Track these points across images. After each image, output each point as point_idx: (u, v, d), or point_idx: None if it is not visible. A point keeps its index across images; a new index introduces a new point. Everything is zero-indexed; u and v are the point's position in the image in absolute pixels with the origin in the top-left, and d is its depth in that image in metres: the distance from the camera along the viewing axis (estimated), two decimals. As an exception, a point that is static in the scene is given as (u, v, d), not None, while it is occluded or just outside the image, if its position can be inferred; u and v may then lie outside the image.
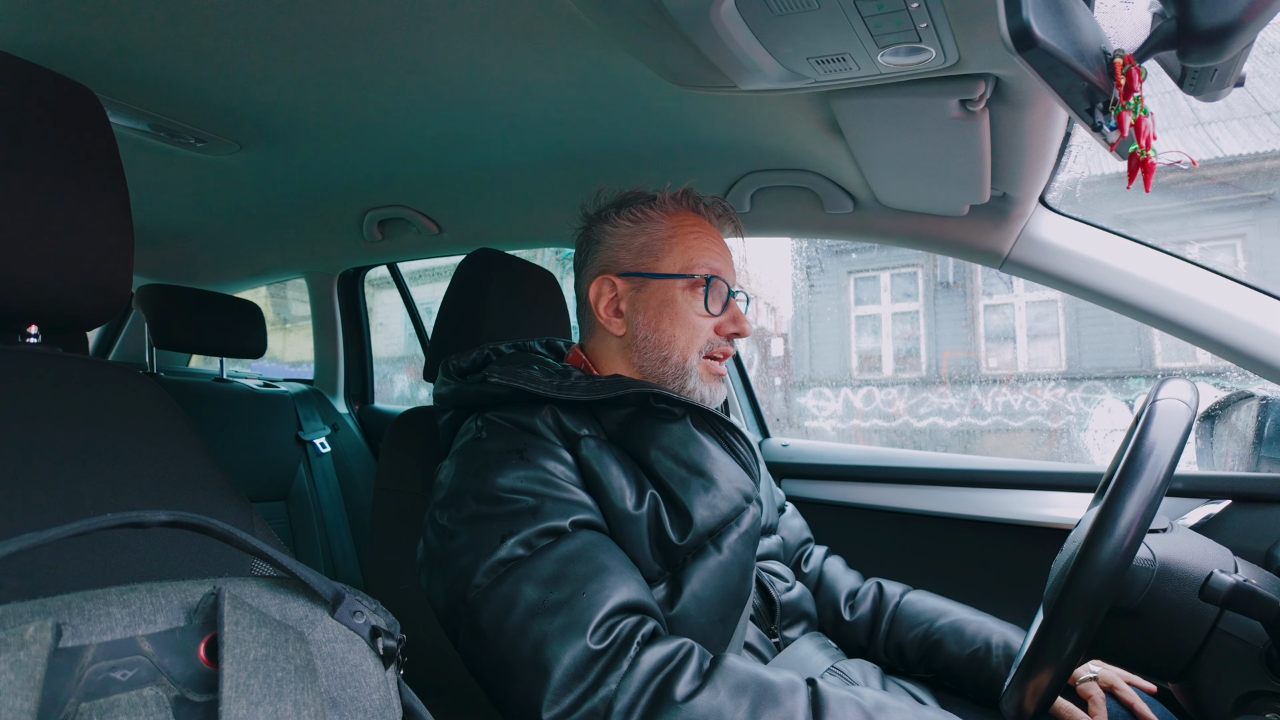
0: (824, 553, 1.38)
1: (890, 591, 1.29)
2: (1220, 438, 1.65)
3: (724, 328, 1.08)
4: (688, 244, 1.08)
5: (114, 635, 0.44)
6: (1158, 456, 0.73)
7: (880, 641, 1.23)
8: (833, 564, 1.35)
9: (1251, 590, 0.74)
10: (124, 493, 0.70)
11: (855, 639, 1.26)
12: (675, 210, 1.11)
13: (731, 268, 1.12)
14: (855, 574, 1.36)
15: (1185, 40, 0.63)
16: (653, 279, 1.08)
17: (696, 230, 1.10)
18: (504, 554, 0.85)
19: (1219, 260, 4.89)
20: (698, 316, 1.06)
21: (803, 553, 1.35)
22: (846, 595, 1.29)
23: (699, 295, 1.07)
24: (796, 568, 1.32)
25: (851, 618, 1.27)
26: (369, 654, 0.54)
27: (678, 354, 1.06)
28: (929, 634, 1.18)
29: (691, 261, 1.07)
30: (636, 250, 1.09)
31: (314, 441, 2.35)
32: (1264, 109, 5.42)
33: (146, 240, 2.27)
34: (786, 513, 1.38)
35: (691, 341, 1.06)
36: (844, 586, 1.30)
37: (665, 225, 1.10)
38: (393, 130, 1.42)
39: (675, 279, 1.07)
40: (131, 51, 1.12)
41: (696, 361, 1.06)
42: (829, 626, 1.28)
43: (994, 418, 6.68)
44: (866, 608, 1.27)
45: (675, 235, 1.09)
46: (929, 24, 0.80)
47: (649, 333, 1.07)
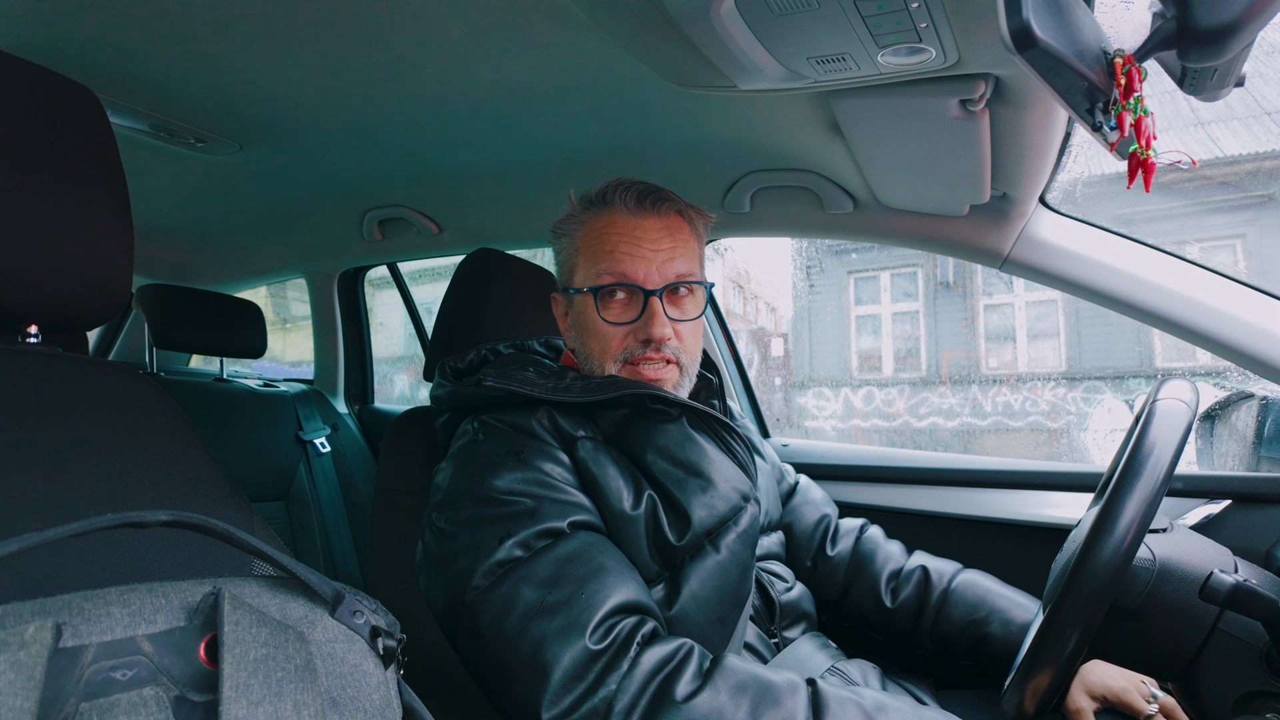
0: (858, 527, 1.34)
1: (938, 574, 1.23)
2: (1220, 437, 1.65)
3: (637, 332, 1.02)
4: (591, 252, 1.04)
5: (114, 635, 0.44)
6: (1158, 456, 0.73)
7: (925, 630, 1.19)
8: (869, 540, 1.31)
9: (1251, 590, 0.74)
10: (124, 493, 0.70)
11: (898, 625, 1.22)
12: (588, 217, 1.06)
13: (658, 258, 1.02)
14: (897, 545, 1.31)
15: (1185, 40, 0.63)
16: (574, 295, 1.06)
17: (602, 232, 1.03)
18: (502, 555, 0.85)
19: (1219, 260, 4.88)
20: (604, 326, 1.03)
21: (824, 529, 1.31)
22: (888, 577, 1.25)
23: (599, 308, 1.02)
24: (821, 550, 1.29)
25: (894, 604, 1.22)
26: (369, 654, 0.54)
27: (596, 364, 1.04)
28: (979, 626, 1.14)
29: (591, 271, 1.03)
30: (562, 267, 1.10)
31: (314, 441, 2.35)
32: (1264, 109, 5.41)
33: (146, 240, 2.26)
34: (800, 488, 1.36)
35: (604, 351, 1.03)
36: (883, 567, 1.26)
37: (577, 237, 1.06)
38: (393, 130, 1.42)
39: (582, 294, 1.04)
40: (131, 51, 1.12)
41: (616, 370, 1.03)
42: (869, 613, 1.24)
43: (994, 418, 6.68)
44: (910, 592, 1.22)
45: (583, 246, 1.05)
46: (929, 24, 0.80)
47: (578, 345, 1.08)
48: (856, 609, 1.26)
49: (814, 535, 1.31)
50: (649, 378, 1.03)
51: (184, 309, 2.06)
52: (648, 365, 1.03)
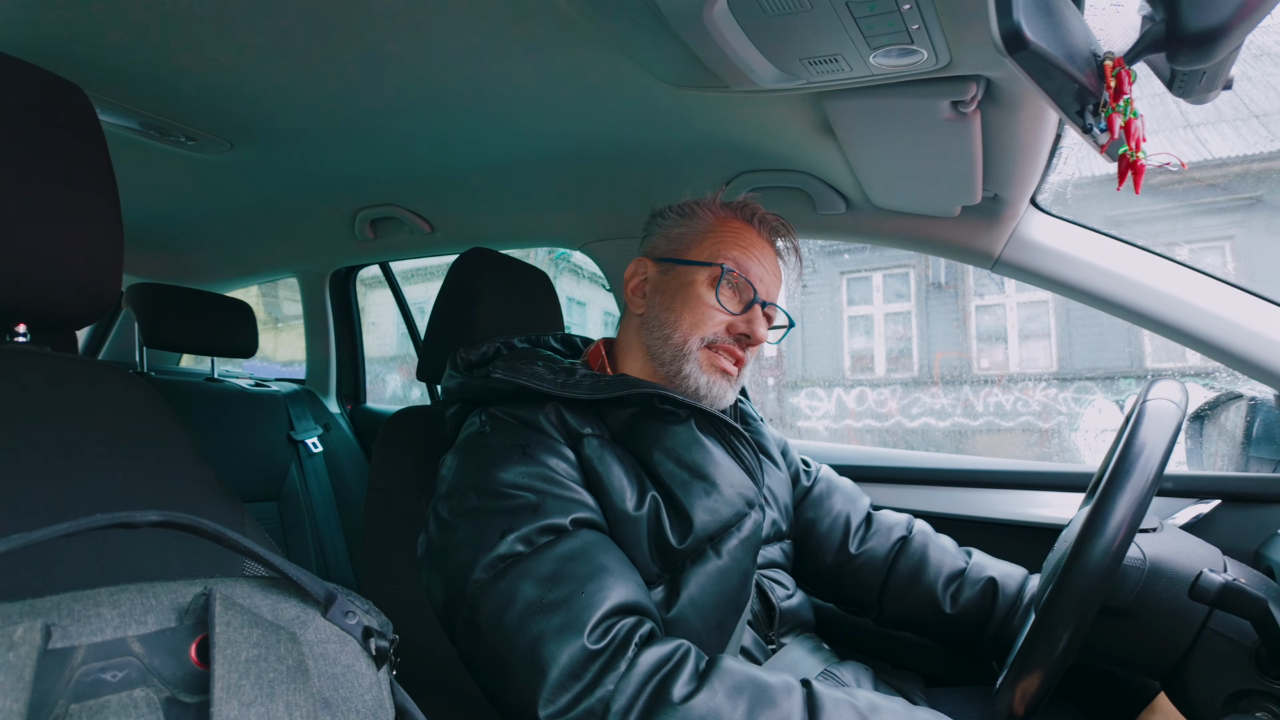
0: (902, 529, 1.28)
1: (1005, 581, 1.16)
2: (1209, 438, 1.66)
3: (735, 326, 1.07)
4: (723, 240, 1.09)
5: (104, 636, 0.43)
6: (1148, 457, 0.73)
7: (990, 635, 1.14)
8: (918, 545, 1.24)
9: (1240, 589, 0.75)
10: (114, 493, 0.69)
11: (960, 632, 1.17)
12: (724, 213, 1.13)
13: (770, 279, 1.12)
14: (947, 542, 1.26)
15: (1174, 43, 0.63)
16: (678, 265, 1.09)
17: (738, 233, 1.11)
18: (503, 550, 0.85)
19: (1208, 262, 4.93)
20: (710, 307, 1.06)
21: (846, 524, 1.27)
22: (945, 581, 1.20)
23: (716, 285, 1.07)
24: (843, 548, 1.25)
25: (953, 609, 1.17)
26: (361, 655, 0.54)
27: (679, 334, 1.06)
28: None
29: (719, 254, 1.08)
30: (673, 239, 1.13)
31: (306, 441, 2.34)
32: (1252, 112, 5.46)
33: (137, 239, 2.25)
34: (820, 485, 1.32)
35: (696, 325, 1.06)
36: (939, 573, 1.20)
37: (707, 221, 1.12)
38: (385, 129, 1.42)
39: (698, 267, 1.07)
40: (121, 49, 1.11)
41: (697, 346, 1.05)
42: (926, 620, 1.19)
43: (986, 418, 6.71)
44: (973, 595, 1.17)
45: (713, 232, 1.10)
46: (921, 25, 0.80)
47: (661, 312, 1.08)
48: (910, 613, 1.21)
49: (834, 530, 1.27)
50: (722, 368, 1.07)
51: (175, 308, 2.05)
52: (727, 357, 1.07)
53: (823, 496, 1.32)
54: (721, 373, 1.07)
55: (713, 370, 1.06)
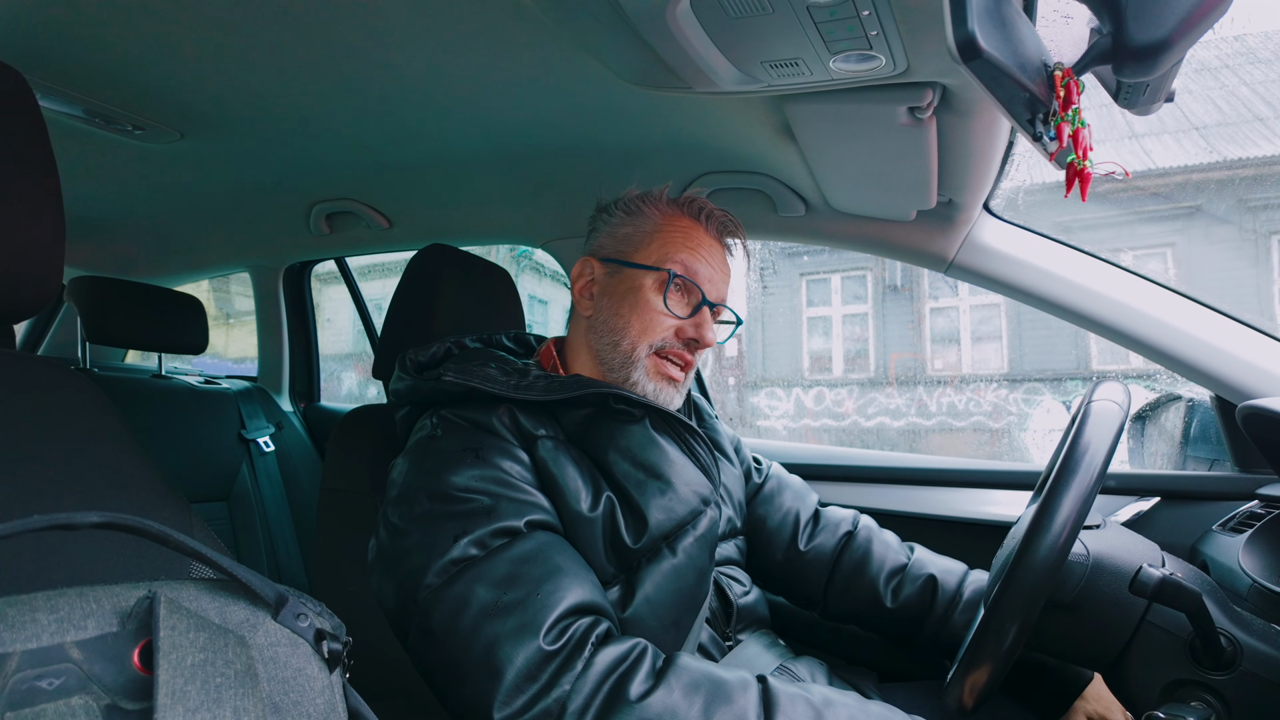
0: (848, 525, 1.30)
1: (945, 577, 1.19)
2: (1150, 438, 1.72)
3: (684, 330, 1.06)
4: (669, 241, 1.07)
5: (40, 642, 0.42)
6: (1092, 456, 0.75)
7: (930, 632, 1.17)
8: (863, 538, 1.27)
9: (1177, 584, 0.78)
10: (53, 494, 0.67)
11: (900, 626, 1.20)
12: (671, 211, 1.10)
13: (720, 279, 1.10)
14: (890, 537, 1.29)
15: (1120, 56, 0.65)
16: (625, 267, 1.07)
17: (686, 231, 1.08)
18: (457, 554, 0.84)
19: (1151, 267, 5.09)
20: (658, 312, 1.05)
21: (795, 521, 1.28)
22: (887, 576, 1.22)
23: (662, 289, 1.05)
24: (792, 543, 1.26)
25: (894, 604, 1.20)
26: (313, 658, 0.53)
27: (628, 341, 1.04)
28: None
29: (666, 257, 1.06)
30: (620, 238, 1.10)
31: (257, 440, 2.29)
32: (1193, 124, 5.67)
33: (80, 230, 2.17)
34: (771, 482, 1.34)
35: (644, 332, 1.04)
36: (881, 567, 1.23)
37: (654, 220, 1.09)
38: (342, 121, 1.39)
39: (645, 270, 1.06)
40: (64, 33, 1.07)
41: (645, 354, 1.04)
42: (867, 614, 1.22)
43: (939, 418, 6.86)
44: (913, 592, 1.20)
45: (660, 231, 1.08)
46: (879, 32, 0.81)
47: (608, 316, 1.07)
48: (853, 608, 1.23)
49: (784, 527, 1.28)
50: (669, 374, 1.06)
51: (120, 302, 1.98)
52: (674, 363, 1.06)
53: (773, 494, 1.33)
54: (668, 379, 1.06)
55: (659, 378, 1.06)
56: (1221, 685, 0.79)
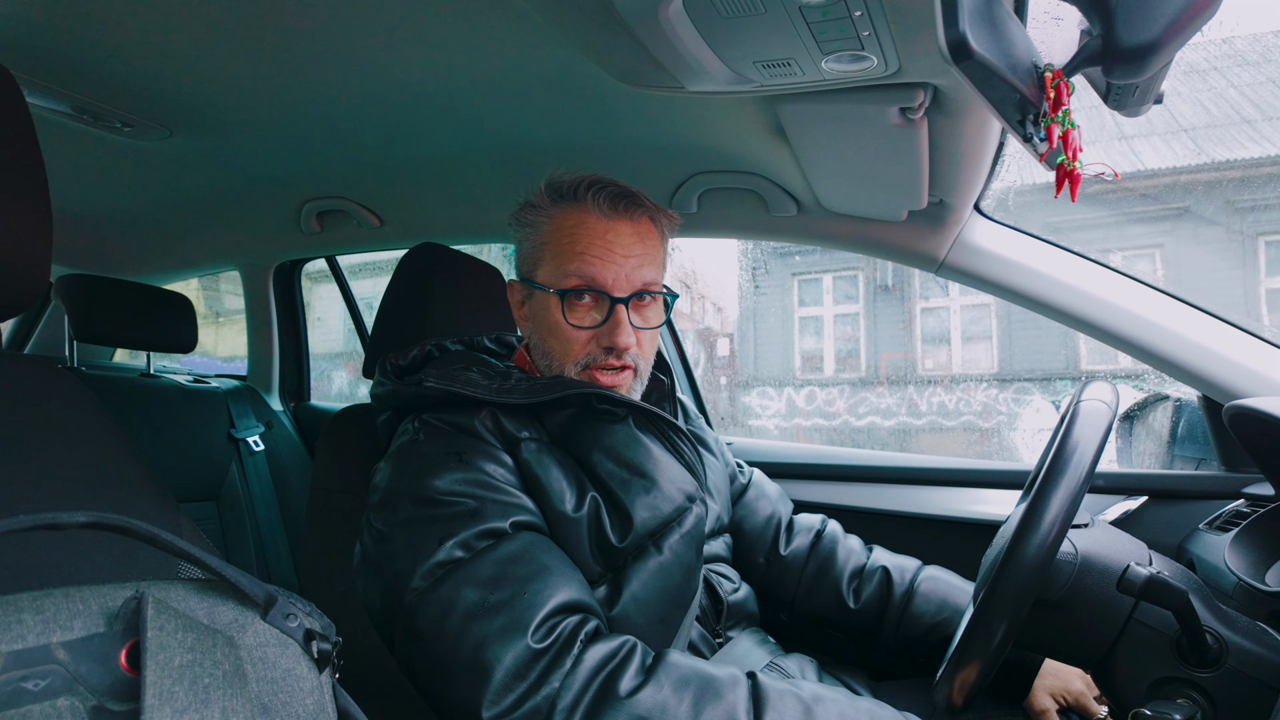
0: (816, 527, 1.33)
1: (899, 573, 1.22)
2: (1138, 437, 1.73)
3: (601, 339, 1.00)
4: (560, 250, 1.00)
5: (25, 644, 0.41)
6: (1080, 455, 0.76)
7: (890, 630, 1.19)
8: (829, 539, 1.30)
9: (1164, 582, 0.78)
10: (40, 494, 0.66)
11: (862, 625, 1.22)
12: (556, 209, 1.02)
13: (629, 264, 0.99)
14: (855, 541, 1.31)
15: (1109, 58, 0.66)
16: (535, 289, 1.03)
17: (573, 231, 1.00)
18: (442, 556, 0.83)
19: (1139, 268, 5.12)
20: (569, 331, 1.00)
21: (776, 528, 1.30)
22: (849, 577, 1.24)
23: (562, 311, 0.99)
24: (774, 549, 1.28)
25: (856, 605, 1.22)
26: (303, 658, 0.53)
27: (556, 364, 1.02)
28: (945, 626, 1.15)
29: (559, 270, 0.99)
30: (524, 256, 1.05)
31: (247, 440, 2.27)
32: (1181, 126, 5.72)
33: (68, 228, 2.15)
34: (754, 484, 1.35)
35: (566, 353, 1.01)
36: (845, 567, 1.25)
37: (544, 229, 1.02)
38: (334, 119, 1.38)
39: (546, 291, 1.01)
40: (51, 28, 1.06)
41: (575, 373, 1.01)
42: (832, 614, 1.23)
43: (929, 417, 6.88)
44: (872, 592, 1.22)
45: (550, 240, 1.01)
46: (871, 32, 0.81)
47: (537, 341, 1.05)
48: (818, 609, 1.25)
49: (765, 532, 1.30)
50: (605, 383, 1.01)
51: (108, 301, 1.96)
52: (606, 372, 1.01)
53: (755, 497, 1.35)
54: (610, 386, 1.02)
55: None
56: (1207, 683, 0.79)
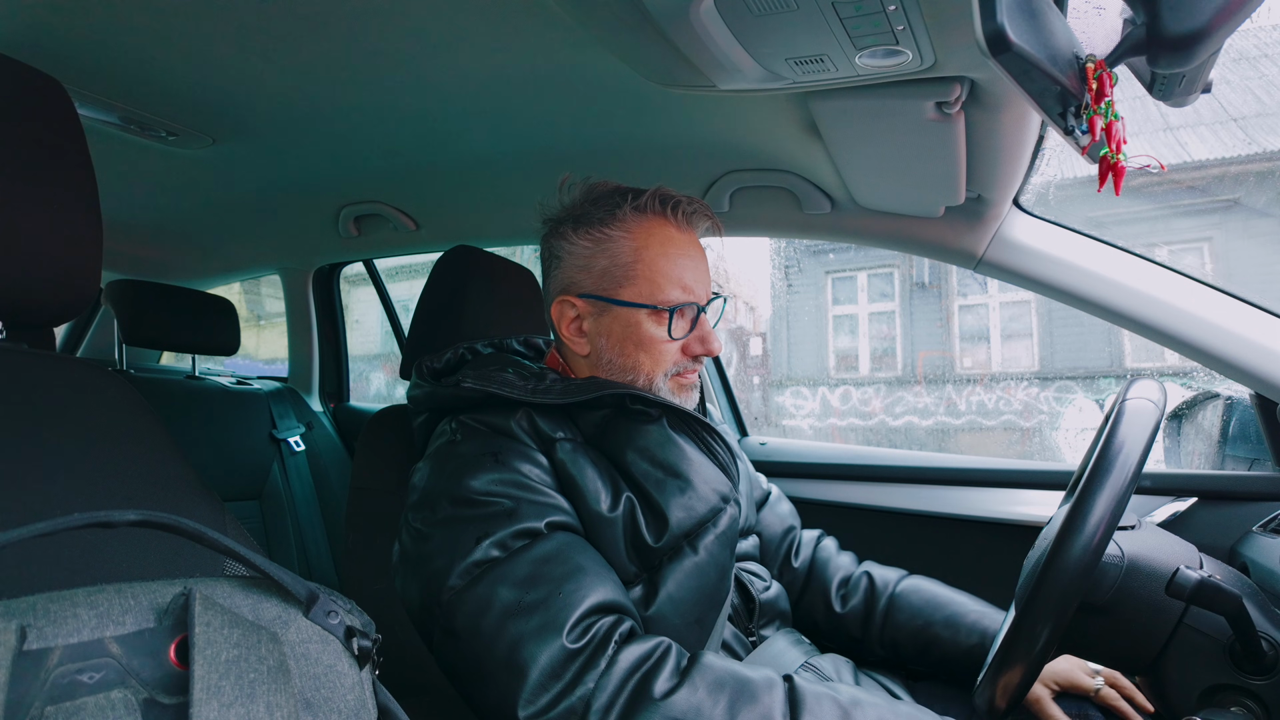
0: (815, 537, 1.36)
1: (882, 581, 1.25)
2: (1187, 437, 1.68)
3: (691, 348, 1.05)
4: (653, 268, 1.01)
5: (81, 637, 0.43)
6: (1126, 455, 0.74)
7: (874, 635, 1.21)
8: (824, 549, 1.33)
9: (1215, 586, 0.76)
10: (92, 492, 0.68)
11: (848, 631, 1.24)
12: (638, 224, 1.03)
13: (705, 275, 1.06)
14: (848, 557, 1.33)
15: (1154, 46, 0.64)
16: (615, 305, 1.02)
17: (664, 248, 1.02)
18: (479, 555, 0.84)
19: (1187, 263, 4.98)
20: (665, 343, 1.03)
21: (790, 541, 1.32)
22: (838, 584, 1.27)
23: (664, 322, 1.02)
24: (787, 560, 1.30)
25: (843, 610, 1.24)
26: (344, 654, 0.54)
27: (643, 377, 1.03)
28: (925, 629, 1.16)
29: (656, 288, 1.01)
30: (598, 274, 1.03)
31: (288, 440, 2.32)
32: (1230, 115, 5.54)
33: (116, 235, 2.22)
34: (771, 499, 1.36)
35: (657, 365, 1.03)
36: (834, 575, 1.28)
37: (628, 247, 1.02)
38: (370, 125, 1.41)
39: (640, 308, 1.02)
40: (101, 42, 1.10)
41: (664, 383, 1.04)
42: (820, 618, 1.26)
43: (968, 416, 6.76)
44: (858, 599, 1.24)
45: (639, 259, 1.01)
46: (906, 26, 0.80)
47: (613, 356, 1.04)
48: (809, 615, 1.27)
49: (781, 546, 1.31)
50: (688, 384, 1.06)
51: (155, 305, 2.02)
52: (691, 375, 1.07)
53: (773, 504, 1.36)
54: (689, 388, 1.07)
55: (682, 390, 1.06)
56: (1263, 690, 0.77)
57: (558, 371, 1.09)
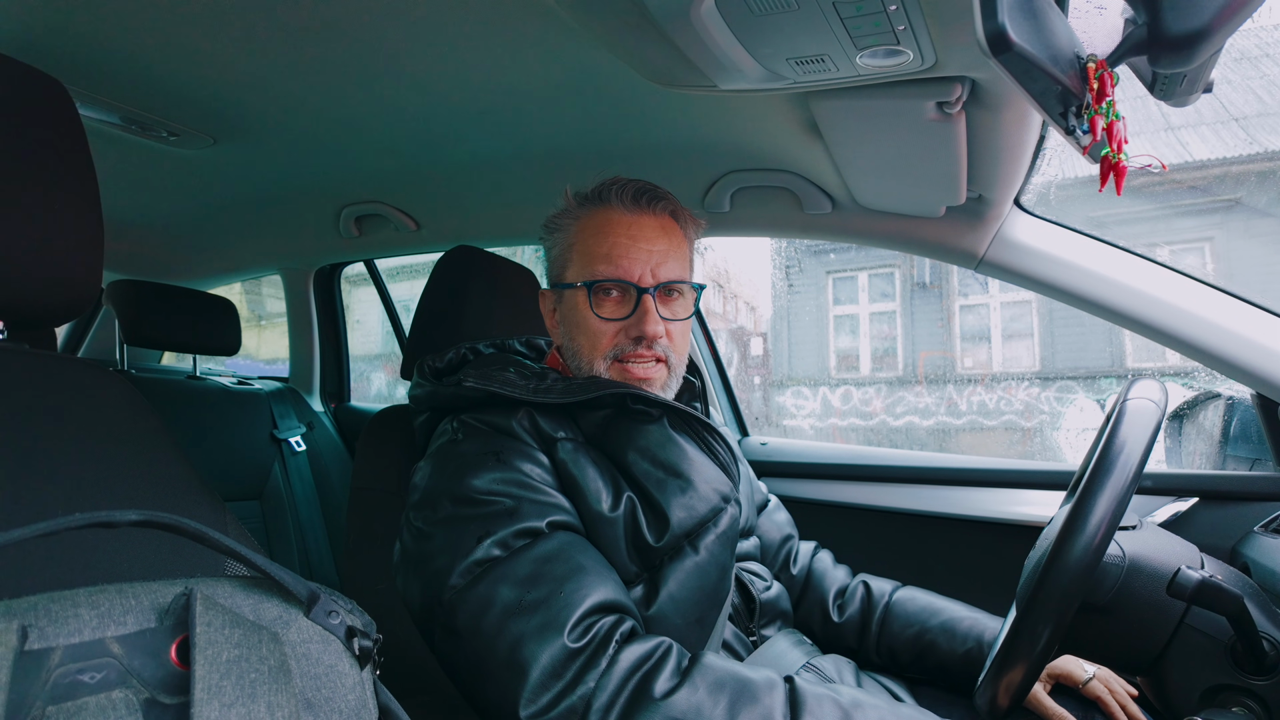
0: (812, 549, 1.36)
1: (878, 591, 1.27)
2: (1188, 437, 1.68)
3: (629, 330, 1.03)
4: (586, 248, 1.04)
5: (82, 637, 0.43)
6: (1128, 455, 0.74)
7: (871, 643, 1.22)
8: (820, 561, 1.34)
9: (1217, 586, 0.76)
10: (93, 492, 0.68)
11: (844, 640, 1.25)
12: (583, 213, 1.06)
13: (654, 258, 1.02)
14: (843, 569, 1.34)
15: (1156, 46, 0.64)
16: (564, 290, 1.07)
17: (599, 228, 1.03)
18: (480, 555, 0.84)
19: (1188, 263, 4.97)
20: (596, 323, 1.02)
21: (788, 550, 1.33)
22: (834, 595, 1.28)
23: (589, 303, 1.02)
24: (784, 568, 1.31)
25: (840, 619, 1.26)
26: (344, 654, 0.54)
27: (585, 361, 1.04)
28: (921, 635, 1.17)
29: (586, 267, 1.03)
30: (553, 261, 1.09)
31: (289, 440, 2.32)
32: (1231, 115, 5.53)
33: (118, 235, 2.23)
34: (770, 506, 1.37)
35: (594, 348, 1.03)
36: (831, 586, 1.29)
37: (571, 232, 1.06)
38: (370, 126, 1.41)
39: (574, 288, 1.04)
40: (101, 42, 1.10)
41: (605, 368, 1.03)
42: (817, 628, 1.26)
43: (969, 416, 6.76)
44: (855, 609, 1.26)
45: (577, 241, 1.05)
46: (907, 26, 0.80)
47: (567, 341, 1.07)
48: (806, 625, 1.28)
49: (779, 554, 1.32)
50: (637, 376, 1.03)
51: (156, 305, 2.02)
52: (637, 363, 1.03)
53: (769, 520, 1.35)
54: (641, 380, 1.03)
55: (631, 378, 1.03)
56: (1264, 690, 0.77)
57: (559, 371, 1.09)
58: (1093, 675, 1.10)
